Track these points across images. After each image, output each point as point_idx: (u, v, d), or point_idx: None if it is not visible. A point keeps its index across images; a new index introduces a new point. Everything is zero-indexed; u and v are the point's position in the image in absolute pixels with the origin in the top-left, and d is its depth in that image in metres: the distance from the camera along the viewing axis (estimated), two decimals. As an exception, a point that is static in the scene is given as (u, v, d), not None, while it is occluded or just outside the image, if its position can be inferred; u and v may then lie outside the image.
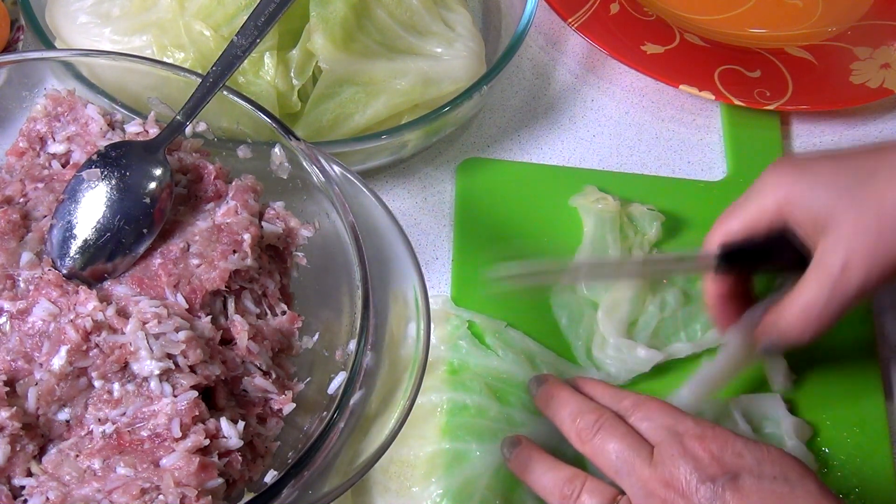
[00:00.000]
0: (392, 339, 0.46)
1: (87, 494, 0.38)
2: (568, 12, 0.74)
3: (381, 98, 0.61)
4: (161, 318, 0.41)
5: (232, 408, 0.43)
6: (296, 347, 0.47)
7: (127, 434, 0.39)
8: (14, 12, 0.66)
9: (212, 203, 0.47)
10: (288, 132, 0.48)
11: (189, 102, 0.47)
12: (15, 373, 0.40)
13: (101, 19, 0.60)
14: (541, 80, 0.75)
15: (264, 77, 0.59)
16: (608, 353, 0.59)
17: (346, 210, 0.46)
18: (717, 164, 0.72)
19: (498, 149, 0.70)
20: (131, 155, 0.45)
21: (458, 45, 0.64)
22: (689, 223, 0.67)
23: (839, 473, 0.57)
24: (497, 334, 0.59)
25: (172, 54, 0.58)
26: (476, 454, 0.53)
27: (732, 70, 0.73)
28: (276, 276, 0.48)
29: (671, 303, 0.62)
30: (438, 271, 0.63)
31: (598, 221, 0.64)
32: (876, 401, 0.60)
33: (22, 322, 0.41)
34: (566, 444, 0.54)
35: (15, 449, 0.38)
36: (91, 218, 0.44)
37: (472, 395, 0.55)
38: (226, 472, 0.40)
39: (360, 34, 0.61)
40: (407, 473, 0.53)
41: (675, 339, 0.61)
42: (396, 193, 0.67)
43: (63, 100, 0.49)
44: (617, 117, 0.74)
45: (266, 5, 0.49)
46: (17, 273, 0.42)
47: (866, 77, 0.74)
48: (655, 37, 0.74)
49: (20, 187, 0.46)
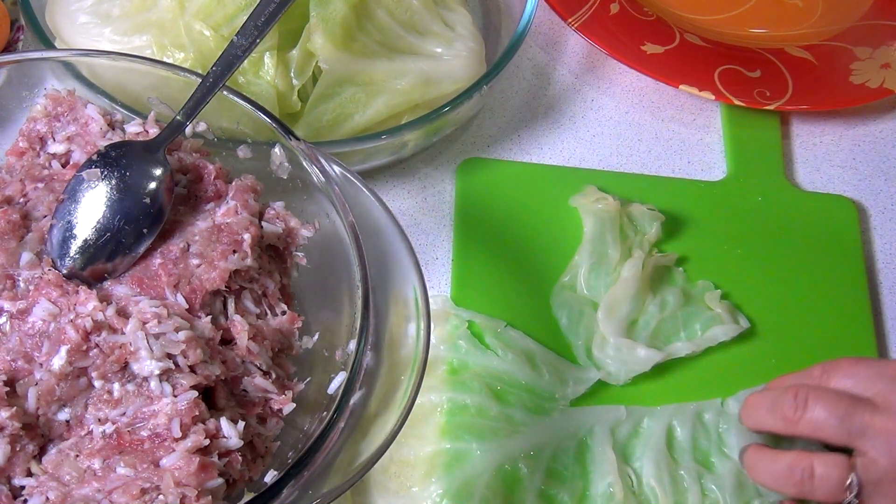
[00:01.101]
0: (392, 339, 0.46)
1: (87, 494, 0.38)
2: (568, 12, 0.74)
3: (381, 98, 0.61)
4: (161, 318, 0.41)
5: (232, 408, 0.43)
6: (296, 347, 0.47)
7: (127, 434, 0.39)
8: (14, 12, 0.66)
9: (212, 203, 0.47)
10: (288, 132, 0.48)
11: (189, 102, 0.47)
12: (15, 373, 0.40)
13: (101, 19, 0.60)
14: (541, 80, 0.75)
15: (264, 77, 0.59)
16: (608, 352, 0.59)
17: (346, 210, 0.46)
18: (717, 164, 0.72)
19: (498, 149, 0.70)
20: (131, 155, 0.45)
21: (458, 45, 0.64)
22: (689, 223, 0.67)
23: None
24: (497, 334, 0.59)
25: (172, 54, 0.58)
26: (477, 454, 0.53)
27: (732, 70, 0.73)
28: (276, 276, 0.48)
29: (671, 302, 0.62)
30: (438, 271, 0.63)
31: (598, 221, 0.64)
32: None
33: (22, 322, 0.41)
34: (567, 446, 0.54)
35: (15, 449, 0.38)
36: (91, 218, 0.44)
37: (472, 395, 0.55)
38: (226, 472, 0.40)
39: (360, 34, 0.61)
40: (407, 473, 0.53)
41: (675, 338, 0.61)
42: (396, 193, 0.67)
43: (63, 100, 0.49)
44: (617, 117, 0.74)
45: (266, 5, 0.49)
46: (17, 273, 0.42)
47: (866, 77, 0.74)
48: (655, 37, 0.74)
49: (20, 187, 0.46)
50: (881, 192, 0.72)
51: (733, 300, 0.63)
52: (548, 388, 0.57)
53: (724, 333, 0.61)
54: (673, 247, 0.65)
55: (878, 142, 0.75)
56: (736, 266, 0.65)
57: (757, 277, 0.65)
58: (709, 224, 0.67)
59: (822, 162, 0.73)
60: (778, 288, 0.65)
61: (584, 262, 0.62)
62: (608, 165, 0.70)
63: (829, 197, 0.70)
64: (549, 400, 0.57)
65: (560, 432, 0.56)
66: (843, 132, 0.75)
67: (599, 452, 0.55)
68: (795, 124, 0.75)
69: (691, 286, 0.64)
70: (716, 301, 0.62)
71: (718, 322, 0.61)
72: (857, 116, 0.76)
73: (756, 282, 0.65)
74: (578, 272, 0.62)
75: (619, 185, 0.67)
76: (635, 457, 0.56)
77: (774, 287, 0.65)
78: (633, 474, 0.55)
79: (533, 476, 0.53)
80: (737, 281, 0.64)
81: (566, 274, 0.62)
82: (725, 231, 0.67)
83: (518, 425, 0.55)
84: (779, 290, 0.65)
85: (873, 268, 0.68)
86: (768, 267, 0.66)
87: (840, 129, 0.75)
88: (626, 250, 0.63)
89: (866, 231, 0.70)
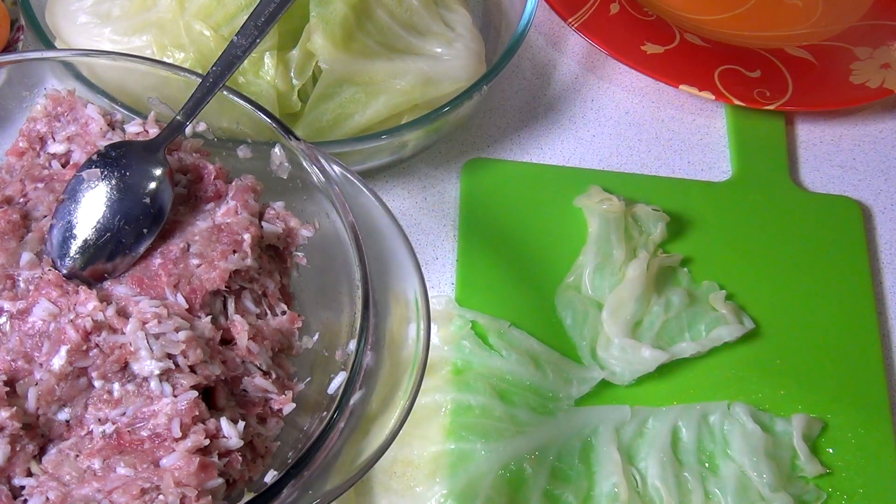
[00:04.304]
0: (392, 339, 0.45)
1: (87, 494, 0.37)
2: (568, 12, 0.74)
3: (381, 98, 0.61)
4: (161, 318, 0.41)
5: (232, 408, 0.43)
6: (296, 347, 0.47)
7: (127, 434, 0.39)
8: (14, 12, 0.66)
9: (212, 203, 0.47)
10: (288, 132, 0.48)
11: (189, 102, 0.47)
12: (15, 373, 0.40)
13: (101, 19, 0.60)
14: (541, 80, 0.75)
15: (264, 77, 0.59)
16: (613, 353, 0.59)
17: (346, 210, 0.46)
18: (718, 163, 0.72)
19: (498, 149, 0.70)
20: (131, 155, 0.45)
21: (458, 45, 0.64)
22: (694, 224, 0.67)
23: (844, 475, 0.57)
24: (501, 334, 0.58)
25: (172, 54, 0.58)
26: (481, 454, 0.53)
27: (732, 70, 0.73)
28: (276, 276, 0.48)
29: (676, 303, 0.62)
30: (439, 271, 0.63)
31: (603, 222, 0.63)
32: (881, 402, 0.60)
33: (22, 322, 0.40)
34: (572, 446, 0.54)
35: (15, 449, 0.38)
36: (91, 218, 0.44)
37: (477, 396, 0.55)
38: (226, 472, 0.40)
39: (360, 34, 0.61)
40: (411, 473, 0.52)
41: (680, 339, 0.61)
42: (397, 193, 0.66)
43: (63, 100, 0.49)
44: (617, 117, 0.73)
45: (266, 5, 0.49)
46: (17, 273, 0.42)
47: (866, 77, 0.74)
48: (655, 37, 0.74)
49: (20, 187, 0.46)
50: (881, 192, 0.72)
51: (738, 301, 0.63)
52: (552, 388, 0.57)
53: (729, 334, 0.61)
54: (678, 247, 0.65)
55: (878, 142, 0.75)
56: (741, 267, 0.65)
57: (761, 278, 0.65)
58: (714, 225, 0.67)
59: (822, 162, 0.73)
60: (782, 289, 0.64)
61: (589, 263, 0.62)
62: (608, 165, 0.70)
63: (834, 198, 0.70)
64: (554, 400, 0.57)
65: (565, 432, 0.55)
66: (844, 132, 0.75)
67: (604, 452, 0.55)
68: (797, 124, 0.75)
69: (696, 287, 0.64)
70: (720, 302, 0.62)
71: (723, 322, 0.61)
72: (857, 116, 0.76)
73: (761, 283, 0.64)
74: (583, 272, 0.62)
75: (624, 186, 0.67)
76: (640, 457, 0.55)
77: (779, 288, 0.64)
78: (638, 475, 0.55)
79: (537, 476, 0.53)
80: (741, 282, 0.64)
81: (571, 274, 0.62)
82: (730, 232, 0.67)
83: (522, 425, 0.55)
84: (783, 290, 0.64)
85: (877, 268, 0.68)
86: (773, 268, 0.65)
87: (840, 129, 0.75)
88: (630, 251, 0.63)
89: (869, 231, 0.70)
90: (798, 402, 0.59)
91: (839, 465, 0.57)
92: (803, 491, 0.56)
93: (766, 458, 0.56)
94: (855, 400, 0.60)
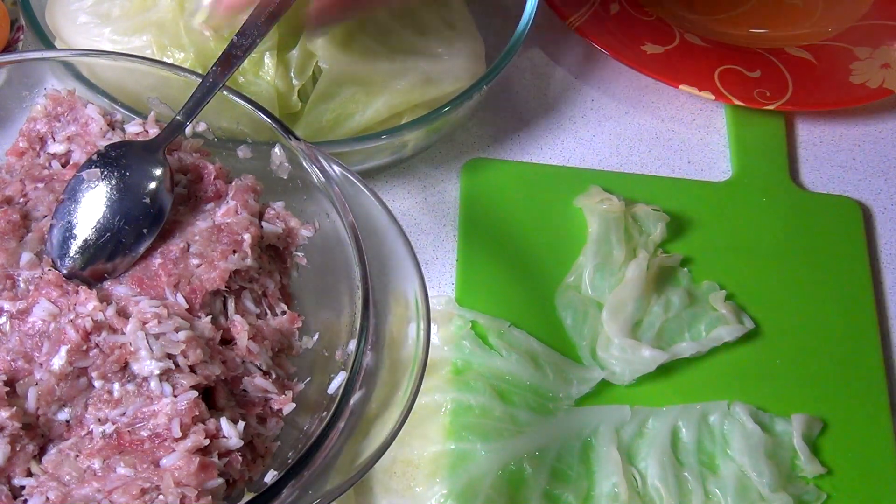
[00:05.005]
0: (392, 339, 0.45)
1: (87, 494, 0.37)
2: (568, 12, 0.74)
3: (381, 98, 0.61)
4: (161, 318, 0.41)
5: (232, 408, 0.43)
6: (296, 347, 0.47)
7: (127, 434, 0.39)
8: (14, 12, 0.66)
9: (212, 203, 0.47)
10: (288, 132, 0.48)
11: (189, 102, 0.47)
12: (15, 373, 0.40)
13: (101, 19, 0.60)
14: (541, 80, 0.75)
15: (264, 77, 0.59)
16: (613, 353, 0.59)
17: (346, 210, 0.46)
18: (718, 163, 0.72)
19: (498, 149, 0.70)
20: (131, 155, 0.45)
21: (458, 44, 0.64)
22: (694, 224, 0.67)
23: (844, 475, 0.57)
24: (501, 334, 0.59)
25: (172, 54, 0.58)
26: (481, 454, 0.53)
27: (732, 70, 0.73)
28: (276, 276, 0.48)
29: (676, 303, 0.62)
30: (439, 271, 0.63)
31: (603, 222, 0.63)
32: (881, 402, 0.60)
33: (22, 322, 0.40)
34: (572, 446, 0.54)
35: (15, 449, 0.38)
36: (91, 218, 0.44)
37: (477, 396, 0.55)
38: (226, 472, 0.40)
39: (360, 34, 0.61)
40: (411, 473, 0.52)
41: (680, 339, 0.61)
42: (396, 193, 0.66)
43: (63, 100, 0.49)
44: (617, 117, 0.74)
45: (266, 5, 0.49)
46: (17, 273, 0.42)
47: (866, 77, 0.74)
48: (655, 37, 0.74)
49: (20, 187, 0.46)
50: (882, 192, 0.72)
51: (738, 301, 0.63)
52: (552, 388, 0.57)
53: (729, 334, 0.61)
54: (678, 247, 0.65)
55: (878, 142, 0.75)
56: (741, 267, 0.65)
57: (761, 278, 0.65)
58: (714, 225, 0.67)
59: (822, 162, 0.73)
60: (782, 288, 0.64)
61: (589, 263, 0.62)
62: (608, 165, 0.70)
63: (834, 198, 0.70)
64: (554, 400, 0.57)
65: (564, 432, 0.55)
66: (844, 132, 0.75)
67: (604, 453, 0.55)
68: (798, 125, 0.75)
69: (696, 287, 0.64)
70: (720, 301, 0.62)
71: (723, 322, 0.61)
72: (857, 116, 0.76)
73: (761, 282, 0.64)
74: (583, 272, 0.62)
75: (624, 186, 0.67)
76: (640, 457, 0.55)
77: (779, 288, 0.64)
78: (638, 475, 0.55)
79: (537, 476, 0.53)
80: (741, 282, 0.64)
81: (571, 274, 0.62)
82: (730, 232, 0.67)
83: (522, 425, 0.55)
84: (783, 290, 0.64)
85: (877, 268, 0.68)
86: (773, 268, 0.65)
87: (840, 129, 0.75)
88: (630, 251, 0.63)
89: (869, 231, 0.70)
90: (798, 402, 0.59)
91: (839, 465, 0.57)
92: (803, 491, 0.56)
93: (766, 458, 0.56)
94: (855, 400, 0.60)
